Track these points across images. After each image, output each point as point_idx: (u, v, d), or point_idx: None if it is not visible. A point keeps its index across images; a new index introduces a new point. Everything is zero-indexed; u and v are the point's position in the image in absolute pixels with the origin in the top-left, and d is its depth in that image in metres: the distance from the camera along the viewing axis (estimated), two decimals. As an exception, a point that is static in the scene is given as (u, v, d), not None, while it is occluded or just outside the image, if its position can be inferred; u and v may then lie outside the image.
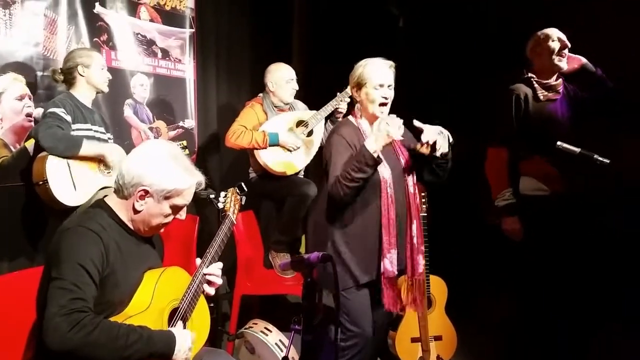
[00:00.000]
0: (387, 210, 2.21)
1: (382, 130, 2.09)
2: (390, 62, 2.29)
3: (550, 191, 2.66)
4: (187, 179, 1.69)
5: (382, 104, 2.26)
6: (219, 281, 1.85)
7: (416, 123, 2.15)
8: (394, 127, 2.08)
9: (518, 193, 2.72)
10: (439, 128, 2.15)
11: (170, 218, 1.72)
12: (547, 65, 2.70)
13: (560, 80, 2.74)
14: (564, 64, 2.67)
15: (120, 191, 1.67)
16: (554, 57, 2.66)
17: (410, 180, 2.32)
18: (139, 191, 1.64)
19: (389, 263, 2.21)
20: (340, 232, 2.25)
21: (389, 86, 2.26)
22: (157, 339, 1.54)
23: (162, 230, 1.77)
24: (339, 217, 2.25)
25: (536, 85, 2.71)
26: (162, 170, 1.64)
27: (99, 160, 2.63)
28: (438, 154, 2.15)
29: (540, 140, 2.62)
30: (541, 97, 2.70)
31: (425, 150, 2.17)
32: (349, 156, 2.20)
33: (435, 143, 2.12)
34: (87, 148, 2.54)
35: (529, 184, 2.71)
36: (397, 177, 2.27)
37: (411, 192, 2.31)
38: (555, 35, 2.67)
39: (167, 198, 1.66)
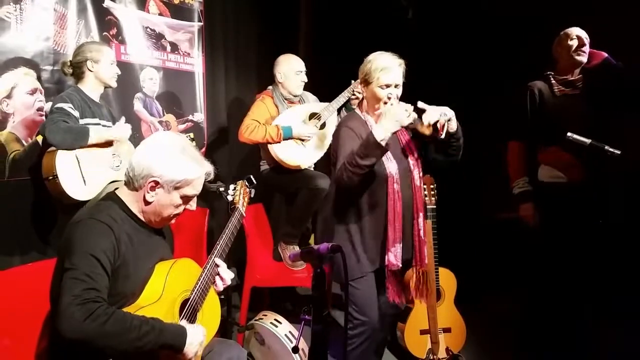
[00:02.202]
0: (393, 205, 2.21)
1: (390, 117, 2.05)
2: (400, 60, 2.24)
3: (568, 179, 2.75)
4: (196, 169, 1.71)
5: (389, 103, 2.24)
6: (227, 283, 1.89)
7: (420, 104, 2.10)
8: (402, 113, 2.03)
9: (536, 181, 2.84)
10: (442, 109, 2.08)
11: (181, 208, 1.74)
12: (566, 61, 2.81)
13: (581, 76, 2.81)
14: (582, 59, 2.78)
15: (131, 183, 1.68)
16: (572, 53, 2.77)
17: (417, 173, 2.31)
18: (149, 182, 1.65)
19: (393, 257, 2.23)
20: (348, 225, 2.27)
21: (396, 86, 2.23)
22: (169, 331, 1.56)
23: (173, 221, 1.78)
24: (347, 210, 2.27)
25: (553, 80, 2.84)
26: (171, 161, 1.66)
27: (112, 153, 2.65)
28: (442, 135, 2.09)
29: (556, 132, 2.64)
30: (557, 92, 2.82)
31: (426, 130, 2.11)
32: (355, 145, 2.18)
33: (436, 123, 2.06)
34: (96, 134, 2.55)
35: (547, 172, 2.81)
36: (403, 171, 2.27)
37: (417, 185, 2.30)
38: (574, 34, 2.79)
39: (177, 188, 1.68)
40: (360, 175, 2.09)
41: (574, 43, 2.77)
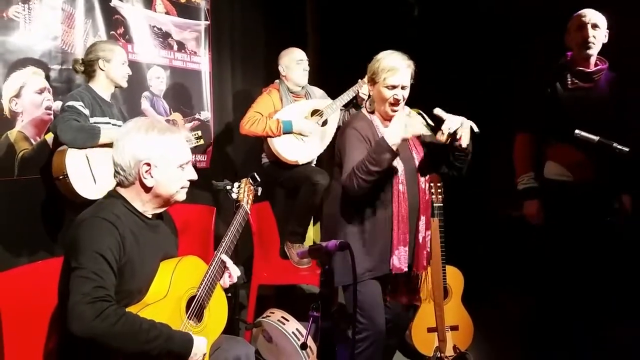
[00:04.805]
0: (398, 206, 2.19)
1: (404, 125, 2.03)
2: (409, 62, 2.20)
3: (574, 178, 2.64)
4: (175, 136, 1.71)
5: (394, 104, 2.22)
6: (235, 280, 1.90)
7: (437, 111, 2.09)
8: (417, 124, 2.03)
9: (541, 177, 2.72)
10: (461, 118, 2.07)
11: (184, 180, 1.74)
12: (576, 52, 2.63)
13: (600, 67, 2.63)
14: (591, 52, 2.57)
15: (125, 180, 1.68)
16: (580, 45, 2.58)
17: (423, 175, 2.29)
18: (142, 167, 1.65)
19: (397, 260, 2.21)
20: (352, 226, 2.24)
21: (402, 87, 2.20)
22: (177, 339, 1.57)
23: (184, 196, 1.77)
24: (351, 211, 2.24)
25: (567, 72, 2.65)
26: (149, 139, 1.66)
27: None
28: (463, 144, 2.08)
29: (565, 127, 2.49)
30: (569, 85, 2.65)
31: (443, 138, 2.07)
32: (363, 149, 2.17)
33: (455, 133, 2.05)
34: (107, 135, 2.53)
35: (554, 168, 2.70)
36: (409, 172, 2.24)
37: (422, 187, 2.28)
38: (585, 20, 2.56)
39: (168, 160, 1.68)
40: (370, 182, 2.07)
41: (584, 35, 2.55)
